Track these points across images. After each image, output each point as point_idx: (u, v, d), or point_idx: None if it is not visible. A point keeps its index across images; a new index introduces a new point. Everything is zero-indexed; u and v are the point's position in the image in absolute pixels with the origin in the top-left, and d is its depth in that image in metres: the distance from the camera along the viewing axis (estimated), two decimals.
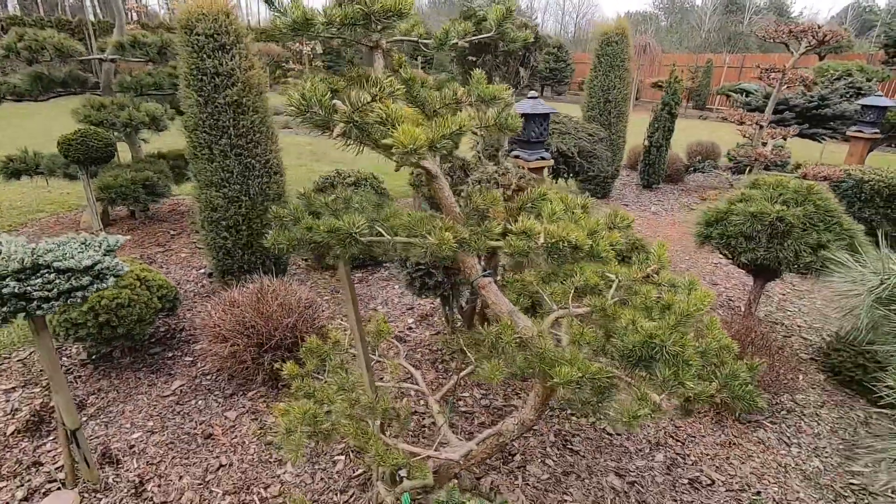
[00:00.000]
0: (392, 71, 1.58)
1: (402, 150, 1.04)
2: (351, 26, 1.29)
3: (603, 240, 1.31)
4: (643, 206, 6.84)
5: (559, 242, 1.22)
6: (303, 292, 3.25)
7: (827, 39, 4.57)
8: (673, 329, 1.41)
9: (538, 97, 3.68)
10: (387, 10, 1.25)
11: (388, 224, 1.63)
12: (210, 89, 3.29)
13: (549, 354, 1.49)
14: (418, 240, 1.36)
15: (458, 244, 1.39)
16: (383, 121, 1.11)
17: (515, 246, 1.26)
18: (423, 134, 1.05)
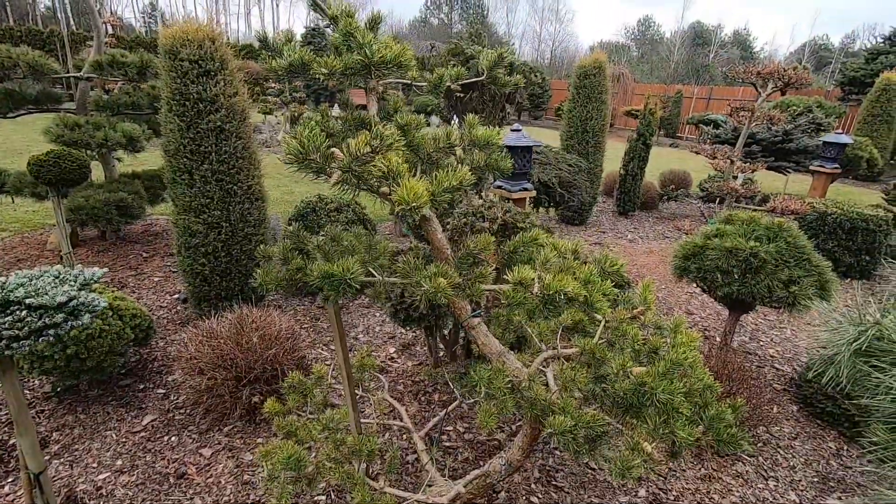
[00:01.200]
0: (387, 114, 1.59)
1: (405, 206, 1.05)
2: (351, 76, 1.30)
3: (597, 290, 1.33)
4: (620, 234, 7.00)
5: (555, 294, 1.23)
6: (284, 322, 3.18)
7: (792, 82, 4.85)
8: (662, 376, 1.44)
9: (521, 130, 3.75)
10: (387, 62, 1.27)
11: (378, 264, 1.63)
12: (193, 114, 3.25)
13: (541, 400, 1.49)
14: (413, 286, 1.35)
15: (452, 289, 1.39)
16: (384, 175, 1.12)
17: (512, 297, 1.27)
18: (424, 190, 1.05)
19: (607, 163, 8.09)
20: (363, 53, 1.26)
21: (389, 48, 1.27)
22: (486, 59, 1.87)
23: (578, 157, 4.95)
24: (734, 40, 52.86)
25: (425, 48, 28.42)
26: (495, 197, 3.92)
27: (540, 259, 1.44)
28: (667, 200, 8.28)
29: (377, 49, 1.26)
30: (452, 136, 1.63)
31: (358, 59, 1.27)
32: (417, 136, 1.55)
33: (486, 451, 2.73)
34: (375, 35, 1.39)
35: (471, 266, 1.56)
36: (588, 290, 1.31)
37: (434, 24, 50.96)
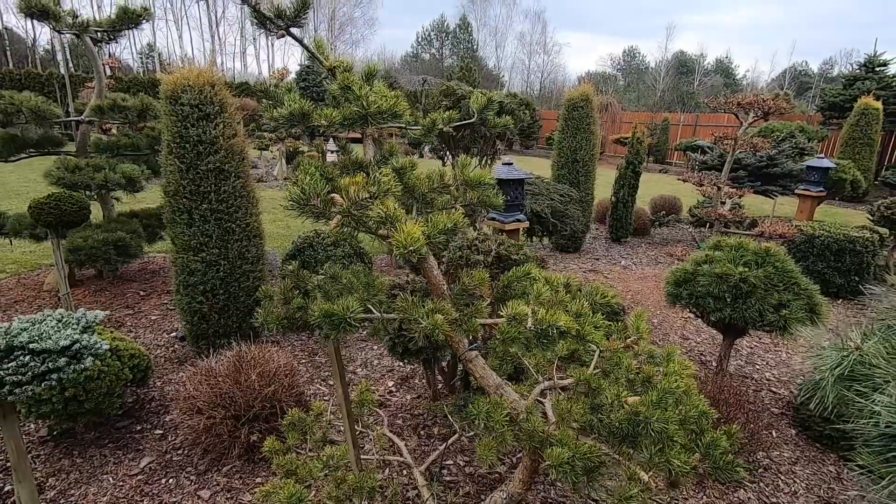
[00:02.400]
0: (382, 157, 1.67)
1: (402, 250, 1.11)
2: (349, 125, 1.38)
3: (588, 323, 1.38)
4: (613, 260, 7.08)
5: (548, 328, 1.28)
6: (282, 358, 3.19)
7: (772, 111, 5.04)
8: (656, 405, 1.47)
9: (513, 164, 3.86)
10: (383, 112, 1.35)
11: (376, 300, 1.68)
12: (192, 156, 3.34)
13: (539, 432, 1.52)
14: (412, 322, 1.40)
15: (449, 325, 1.44)
16: (383, 220, 1.18)
17: (507, 332, 1.31)
18: (421, 234, 1.12)
19: (599, 190, 8.26)
20: (360, 105, 1.34)
21: (385, 99, 1.36)
22: (475, 102, 1.97)
23: (569, 187, 5.08)
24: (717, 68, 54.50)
25: (417, 83, 29.20)
26: (489, 228, 4.00)
27: (533, 293, 1.50)
28: (658, 226, 8.41)
29: (374, 100, 1.35)
30: (446, 176, 1.71)
31: (356, 110, 1.35)
32: (412, 177, 1.62)
33: (488, 484, 2.71)
34: (371, 86, 1.48)
35: (466, 301, 1.61)
36: (580, 324, 1.36)
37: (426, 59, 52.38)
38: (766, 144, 5.18)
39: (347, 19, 40.93)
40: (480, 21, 50.48)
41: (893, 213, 5.77)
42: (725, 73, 54.03)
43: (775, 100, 5.11)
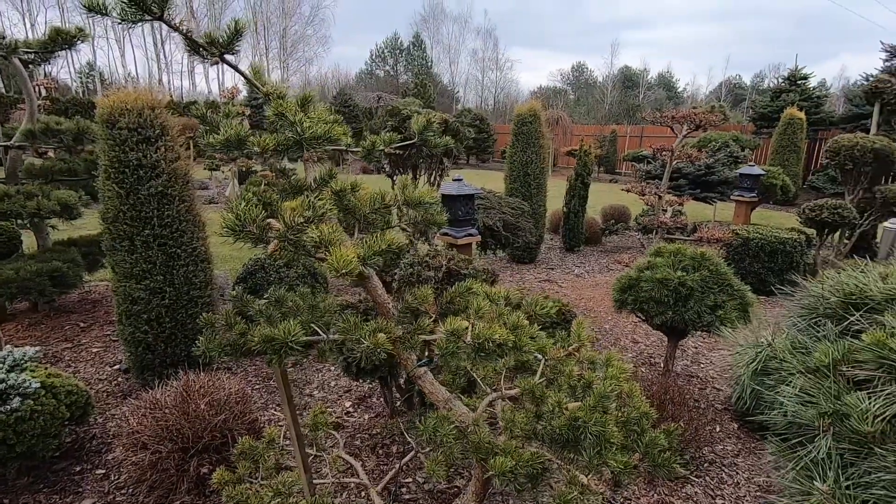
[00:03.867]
0: (322, 179, 1.69)
1: (336, 272, 1.13)
2: (283, 151, 1.40)
3: (525, 335, 1.44)
4: (567, 269, 7.29)
5: (485, 342, 1.33)
6: (233, 385, 3.11)
7: (703, 124, 5.39)
8: (593, 409, 1.54)
9: (462, 180, 3.95)
10: (318, 137, 1.38)
11: (322, 322, 1.68)
12: (133, 181, 3.24)
13: (485, 443, 1.56)
14: (354, 343, 1.42)
15: (392, 343, 1.47)
16: (317, 244, 1.20)
17: (445, 347, 1.35)
18: (354, 257, 1.15)
19: (553, 201, 8.51)
20: (295, 131, 1.37)
21: (320, 125, 1.39)
22: (416, 124, 2.03)
23: (521, 200, 5.23)
24: (659, 82, 57.37)
25: (372, 99, 29.28)
26: (443, 244, 4.06)
27: (473, 308, 1.54)
28: (609, 234, 8.73)
29: (308, 126, 1.37)
30: (387, 197, 1.75)
31: (290, 136, 1.37)
32: (352, 199, 1.65)
33: (447, 500, 2.72)
34: (307, 112, 1.51)
35: (411, 318, 1.64)
36: (516, 335, 1.42)
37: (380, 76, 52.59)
38: (700, 155, 5.53)
39: (300, 37, 40.66)
40: (434, 38, 51.27)
41: (817, 216, 6.24)
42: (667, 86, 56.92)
43: (706, 113, 5.47)
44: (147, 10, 1.39)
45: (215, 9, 35.82)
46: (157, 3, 1.39)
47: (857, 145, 6.26)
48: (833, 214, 6.18)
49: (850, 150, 6.30)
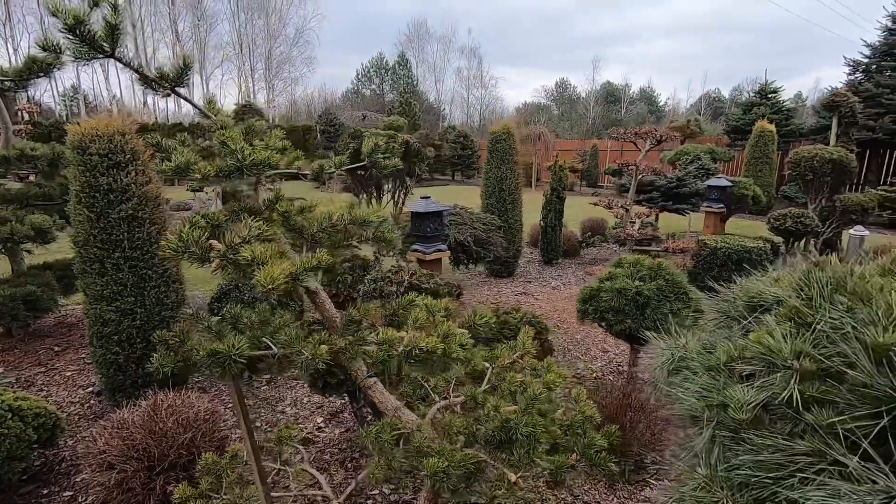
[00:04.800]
0: (270, 202, 1.80)
1: (263, 288, 1.23)
2: (226, 177, 1.50)
3: (455, 343, 1.54)
4: (544, 282, 7.42)
5: (412, 349, 1.43)
6: (202, 403, 3.16)
7: (664, 139, 5.61)
8: (525, 412, 1.65)
9: (430, 198, 4.08)
10: (258, 164, 1.49)
11: (273, 337, 1.77)
12: (103, 205, 3.32)
13: (424, 447, 1.64)
14: (295, 355, 1.51)
15: (334, 355, 1.56)
16: (249, 263, 1.30)
17: (376, 355, 1.45)
18: (281, 274, 1.25)
19: (533, 215, 8.68)
20: (236, 158, 1.48)
21: (260, 152, 1.50)
22: (365, 147, 2.15)
23: (492, 216, 5.37)
24: (641, 96, 58.60)
25: (357, 118, 29.63)
26: (414, 259, 4.16)
27: (410, 319, 1.65)
28: (586, 247, 8.90)
29: (248, 154, 1.49)
30: (334, 217, 1.85)
31: (232, 163, 1.48)
32: (298, 220, 1.76)
33: None
34: (251, 141, 1.62)
35: (355, 330, 1.74)
36: (445, 343, 1.52)
37: (367, 95, 53.14)
38: (665, 168, 5.73)
39: (285, 58, 41.08)
40: (419, 58, 52.07)
41: (781, 225, 6.46)
42: (649, 100, 58.11)
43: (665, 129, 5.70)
44: (99, 48, 1.51)
45: (200, 32, 36.16)
46: (107, 42, 1.50)
47: (816, 156, 6.52)
48: (796, 223, 6.40)
49: (810, 161, 6.57)
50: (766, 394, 1.14)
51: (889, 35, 13.87)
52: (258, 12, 38.59)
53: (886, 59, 13.79)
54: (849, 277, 1.30)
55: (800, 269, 1.46)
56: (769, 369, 1.20)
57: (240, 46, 38.42)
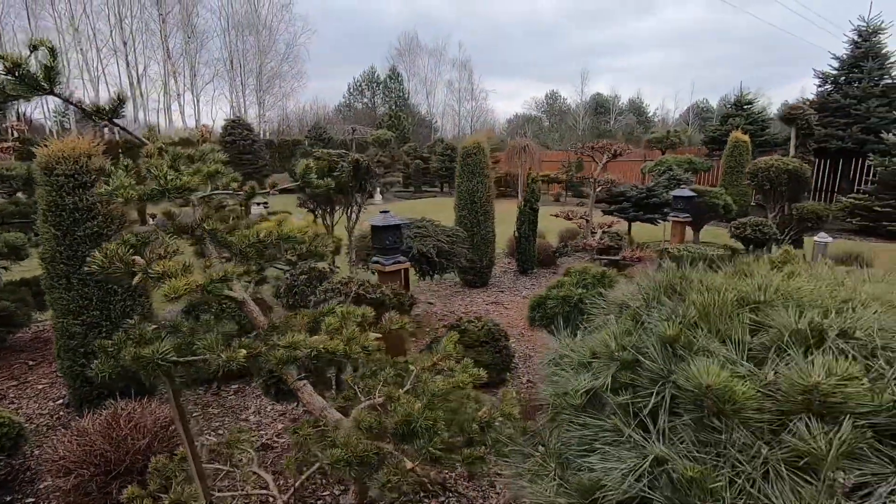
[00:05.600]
0: (199, 221, 1.98)
1: (167, 298, 1.41)
2: (149, 199, 1.69)
3: (357, 345, 1.72)
4: (517, 291, 7.61)
5: (312, 351, 1.61)
6: (163, 411, 3.30)
7: (619, 152, 5.86)
8: (426, 408, 1.82)
9: (389, 212, 4.28)
10: (180, 188, 1.68)
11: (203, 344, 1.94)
12: (69, 223, 3.49)
13: (337, 441, 1.81)
14: (213, 359, 1.68)
15: (252, 358, 1.73)
16: (160, 276, 1.48)
17: (279, 357, 1.63)
18: (184, 286, 1.43)
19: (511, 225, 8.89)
20: (159, 183, 1.67)
21: (182, 178, 1.69)
22: (299, 168, 2.35)
23: (457, 228, 5.57)
24: (630, 108, 59.38)
25: (347, 131, 29.97)
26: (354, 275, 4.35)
27: (324, 325, 1.83)
28: (560, 256, 9.12)
29: (171, 179, 1.67)
30: (262, 233, 2.04)
31: (156, 187, 1.67)
32: (225, 237, 1.94)
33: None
34: (178, 168, 1.81)
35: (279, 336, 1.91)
36: (348, 346, 1.70)
37: (358, 108, 53.64)
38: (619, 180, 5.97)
39: (275, 74, 41.50)
40: (410, 71, 52.70)
41: (741, 233, 6.71)
42: (638, 112, 58.87)
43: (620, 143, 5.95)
44: (38, 87, 1.70)
45: (190, 48, 36.57)
46: (45, 82, 1.69)
47: (773, 167, 6.80)
48: (755, 231, 6.65)
49: (767, 172, 6.84)
50: (598, 381, 1.33)
51: (855, 48, 14.35)
52: (249, 29, 39.09)
53: (854, 70, 14.26)
54: (680, 281, 1.50)
55: (651, 275, 1.66)
56: (611, 360, 1.39)
57: (230, 62, 38.83)
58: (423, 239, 5.10)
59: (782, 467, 0.84)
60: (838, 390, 0.89)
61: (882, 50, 14.24)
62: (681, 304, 1.35)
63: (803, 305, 1.30)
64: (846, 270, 1.88)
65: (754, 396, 0.97)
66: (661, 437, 1.08)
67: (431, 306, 7.05)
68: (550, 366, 1.81)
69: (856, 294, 1.36)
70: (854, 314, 1.18)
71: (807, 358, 1.02)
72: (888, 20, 14.11)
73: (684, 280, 1.50)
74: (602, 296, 1.89)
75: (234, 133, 25.11)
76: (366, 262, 5.15)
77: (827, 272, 1.66)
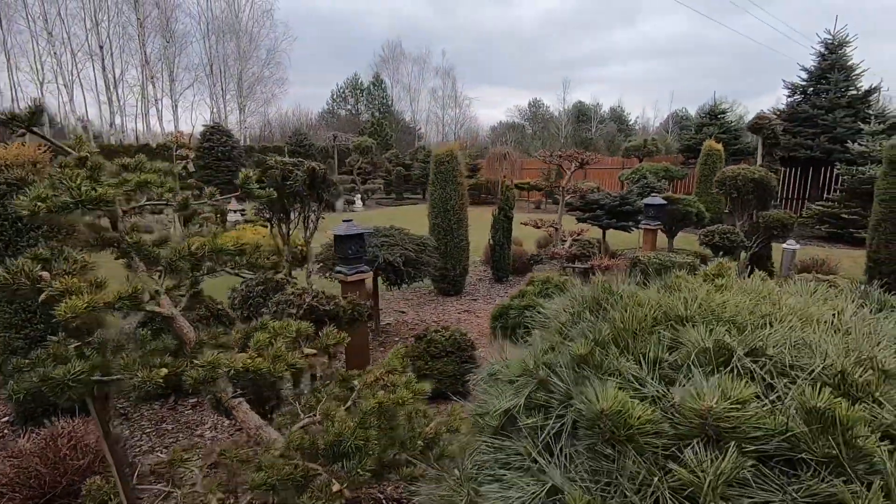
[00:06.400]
0: (123, 234, 1.90)
1: (63, 317, 1.34)
2: (60, 212, 1.61)
3: (281, 363, 1.66)
4: (490, 299, 7.58)
5: (230, 371, 1.54)
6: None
7: (586, 162, 5.90)
8: (359, 426, 1.76)
9: (352, 221, 4.22)
10: (93, 200, 1.61)
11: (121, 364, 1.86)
12: (11, 233, 3.35)
13: (263, 463, 1.74)
14: (130, 378, 1.60)
15: (167, 377, 1.66)
16: (61, 293, 1.41)
17: (195, 376, 1.56)
18: (83, 305, 1.36)
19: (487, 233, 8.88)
20: (71, 195, 1.59)
21: (94, 191, 1.61)
22: (240, 177, 2.28)
23: (426, 236, 5.53)
24: (612, 116, 60.21)
25: (328, 138, 29.80)
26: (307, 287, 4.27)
27: (253, 342, 1.76)
28: (535, 264, 9.14)
29: (85, 191, 1.60)
30: (193, 246, 1.97)
31: (68, 199, 1.59)
32: (151, 250, 1.86)
33: None
34: (97, 178, 1.74)
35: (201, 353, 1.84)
36: (274, 365, 1.63)
37: (342, 115, 53.47)
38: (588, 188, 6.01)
39: (257, 79, 41.18)
40: (394, 78, 52.80)
41: (709, 240, 6.80)
42: (619, 120, 59.71)
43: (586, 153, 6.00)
44: None
45: (169, 53, 36.08)
46: None
47: (739, 175, 6.91)
48: (723, 239, 6.74)
49: (734, 180, 6.95)
50: (513, 402, 1.29)
51: (822, 60, 14.77)
52: (229, 34, 38.76)
53: (821, 82, 14.66)
54: (606, 296, 1.47)
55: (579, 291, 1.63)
56: (531, 377, 1.35)
57: (210, 68, 38.43)
58: (390, 248, 5.04)
59: (668, 498, 0.81)
60: (731, 414, 0.86)
61: (847, 62, 14.67)
62: (602, 321, 1.32)
63: (721, 321, 1.28)
64: (811, 278, 1.88)
65: (651, 420, 0.94)
66: (567, 462, 1.04)
67: (403, 315, 6.98)
68: (488, 380, 1.77)
69: (777, 308, 1.35)
70: (764, 331, 1.16)
71: (710, 378, 0.99)
72: (852, 33, 14.58)
73: (610, 294, 1.47)
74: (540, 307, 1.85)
75: (213, 139, 24.81)
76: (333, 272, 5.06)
77: (758, 285, 1.65)
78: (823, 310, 1.38)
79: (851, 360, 0.97)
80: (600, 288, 1.50)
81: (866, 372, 0.95)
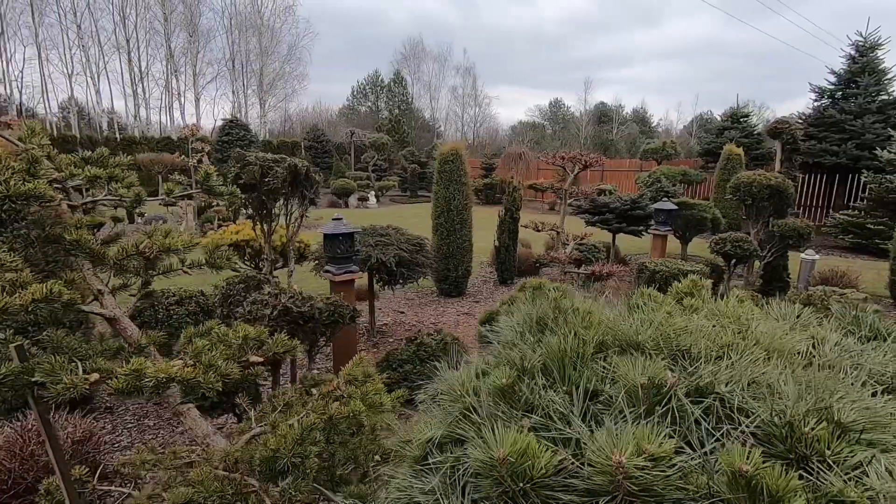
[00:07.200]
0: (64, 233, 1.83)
1: None
2: None
3: (215, 373, 1.56)
4: (492, 302, 7.43)
5: (152, 381, 1.45)
6: (84, 424, 3.15)
7: (590, 163, 5.71)
8: (297, 442, 1.66)
9: (342, 219, 4.13)
10: (22, 195, 1.53)
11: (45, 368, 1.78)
12: None
13: (195, 478, 1.65)
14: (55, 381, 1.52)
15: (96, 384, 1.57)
16: None
17: (119, 385, 1.47)
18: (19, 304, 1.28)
19: None
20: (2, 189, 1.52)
21: (25, 184, 1.54)
22: (200, 174, 2.20)
23: (422, 237, 5.41)
24: (634, 117, 59.22)
25: (345, 135, 29.93)
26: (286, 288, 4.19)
27: (191, 349, 1.67)
28: (543, 266, 8.95)
29: (14, 185, 1.53)
30: (141, 245, 1.89)
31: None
32: (100, 248, 1.79)
33: None
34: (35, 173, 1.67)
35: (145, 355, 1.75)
36: (205, 375, 1.54)
37: (362, 112, 53.67)
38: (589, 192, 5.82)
39: (278, 75, 41.59)
40: (415, 76, 52.76)
41: (721, 248, 6.53)
42: (641, 121, 58.70)
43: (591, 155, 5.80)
44: None
45: (192, 48, 36.66)
46: None
47: (755, 182, 6.62)
48: (735, 247, 6.47)
49: (749, 187, 6.66)
50: (437, 432, 1.17)
51: (852, 63, 14.17)
52: (251, 30, 39.21)
53: (851, 86, 14.07)
54: (554, 315, 1.33)
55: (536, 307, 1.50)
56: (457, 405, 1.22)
57: (232, 63, 38.95)
58: (384, 247, 4.94)
59: None
60: (644, 474, 0.73)
61: (879, 66, 14.05)
62: (536, 344, 1.19)
63: (676, 350, 1.14)
64: (828, 291, 1.70)
65: (563, 470, 0.81)
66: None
67: (402, 315, 6.89)
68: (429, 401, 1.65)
69: (741, 337, 1.20)
70: (719, 365, 1.02)
71: (635, 424, 0.86)
72: (885, 36, 13.95)
73: (559, 312, 1.34)
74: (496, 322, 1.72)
75: (231, 133, 25.13)
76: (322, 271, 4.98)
77: (733, 307, 1.50)
78: (796, 339, 1.22)
79: (803, 409, 0.82)
80: (550, 304, 1.36)
81: (819, 424, 0.80)
